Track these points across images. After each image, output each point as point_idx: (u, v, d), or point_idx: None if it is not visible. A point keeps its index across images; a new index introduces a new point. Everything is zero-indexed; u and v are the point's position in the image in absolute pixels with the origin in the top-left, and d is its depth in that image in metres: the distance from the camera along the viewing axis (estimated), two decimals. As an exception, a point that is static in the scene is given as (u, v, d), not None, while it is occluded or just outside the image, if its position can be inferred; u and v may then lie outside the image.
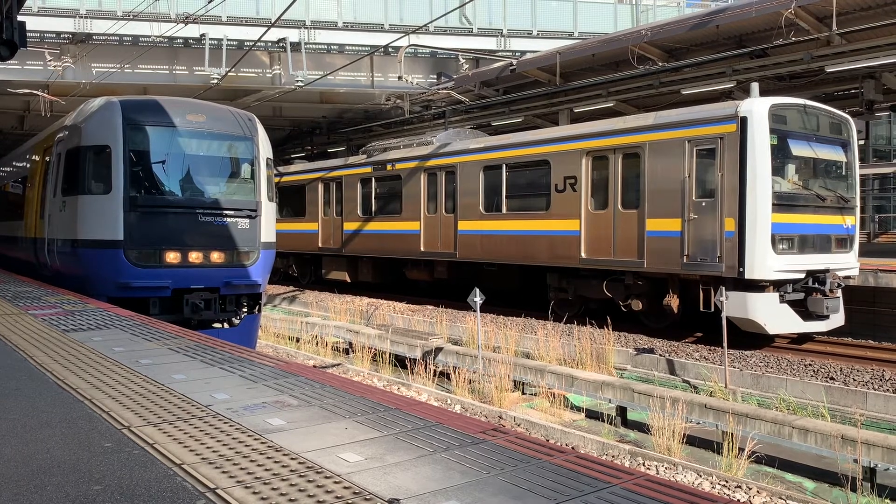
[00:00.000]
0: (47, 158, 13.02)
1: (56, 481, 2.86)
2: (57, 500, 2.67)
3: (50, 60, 21.46)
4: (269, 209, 11.88)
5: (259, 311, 12.20)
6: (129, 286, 10.47)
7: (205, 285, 11.06)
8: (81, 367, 5.02)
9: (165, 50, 22.01)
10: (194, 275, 10.95)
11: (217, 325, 11.67)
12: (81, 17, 20.90)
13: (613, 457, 8.38)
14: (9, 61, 9.06)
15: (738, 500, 7.10)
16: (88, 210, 10.80)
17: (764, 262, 12.14)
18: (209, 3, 17.33)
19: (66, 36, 21.43)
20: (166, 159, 11.15)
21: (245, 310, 11.82)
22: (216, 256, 11.14)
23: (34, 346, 5.83)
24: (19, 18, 8.35)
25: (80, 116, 11.65)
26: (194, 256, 10.94)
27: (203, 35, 21.10)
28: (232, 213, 11.32)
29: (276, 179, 17.47)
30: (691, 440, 9.07)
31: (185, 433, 3.48)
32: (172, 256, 10.79)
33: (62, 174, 11.62)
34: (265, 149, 12.10)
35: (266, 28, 17.57)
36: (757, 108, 12.39)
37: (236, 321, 11.76)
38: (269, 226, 11.83)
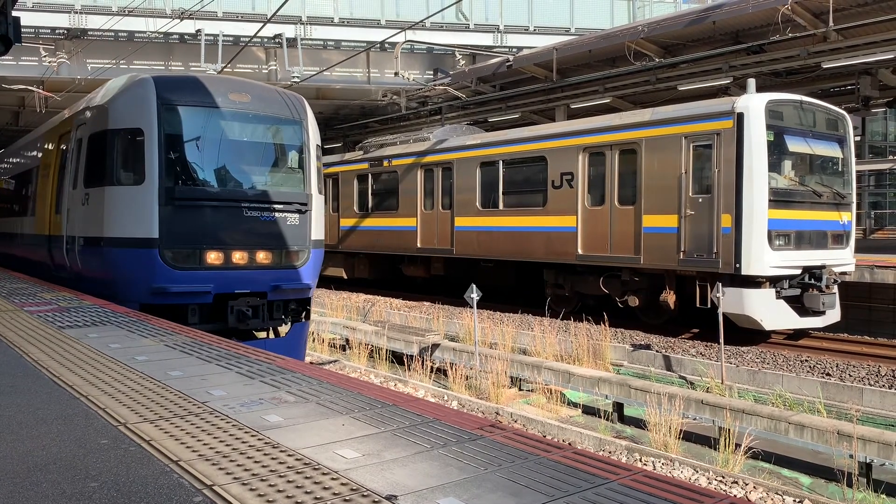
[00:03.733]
0: (64, 146, 11.68)
1: (52, 478, 2.85)
2: (53, 497, 2.66)
3: (45, 56, 21.38)
4: (319, 203, 10.52)
5: (308, 318, 10.83)
6: (166, 291, 9.15)
7: (250, 290, 9.73)
8: (77, 364, 5.00)
9: (161, 46, 21.94)
10: (239, 278, 9.60)
11: (261, 334, 10.45)
12: (76, 12, 20.82)
13: (610, 453, 8.39)
14: (3, 57, 9.03)
15: (735, 496, 7.11)
16: (117, 203, 9.46)
17: (760, 258, 12.16)
18: (205, -2, 17.27)
19: (61, 31, 21.35)
20: (207, 145, 9.78)
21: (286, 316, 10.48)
22: (262, 257, 9.80)
23: (30, 343, 5.82)
24: (14, 14, 8.30)
25: (106, 96, 10.19)
26: (238, 257, 9.61)
27: (199, 31, 21.03)
28: (281, 207, 9.96)
29: None
30: (688, 436, 9.09)
31: (182, 430, 3.47)
32: (214, 257, 9.45)
33: (84, 162, 10.24)
34: (314, 134, 10.73)
35: (262, 24, 17.51)
36: (753, 105, 12.40)
37: (283, 330, 10.50)
38: (319, 221, 10.50)
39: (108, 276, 9.73)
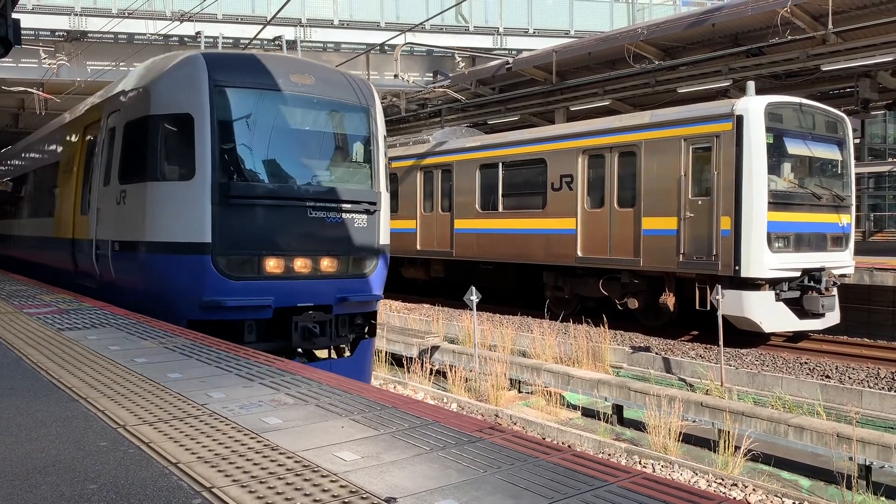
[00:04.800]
0: (91, 137, 10.43)
1: (51, 480, 2.85)
2: (52, 499, 2.66)
3: (45, 58, 21.40)
4: (386, 203, 9.32)
5: (373, 334, 9.55)
6: (220, 305, 7.88)
7: (313, 303, 8.50)
8: (76, 366, 5.00)
9: (161, 48, 21.94)
10: (301, 289, 8.38)
11: (319, 353, 9.20)
12: (76, 14, 20.84)
13: (610, 455, 8.38)
14: (3, 59, 8.91)
15: (735, 498, 7.11)
16: (161, 201, 8.20)
17: (760, 260, 12.16)
18: (204, 0, 17.28)
19: (61, 34, 21.37)
20: (266, 134, 8.52)
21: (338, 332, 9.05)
22: (327, 264, 8.56)
23: (29, 345, 5.81)
24: (14, 16, 8.29)
25: (147, 76, 8.88)
26: (300, 264, 8.35)
27: (198, 33, 20.97)
28: (349, 206, 8.72)
29: None
30: (687, 438, 9.08)
31: (181, 432, 3.47)
32: (274, 264, 8.17)
33: (120, 155, 8.99)
34: (382, 123, 9.52)
35: (262, 26, 17.52)
36: (753, 107, 12.41)
37: (345, 348, 9.27)
38: (386, 224, 9.30)
39: (148, 287, 8.48)
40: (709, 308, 12.41)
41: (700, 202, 12.90)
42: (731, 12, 16.83)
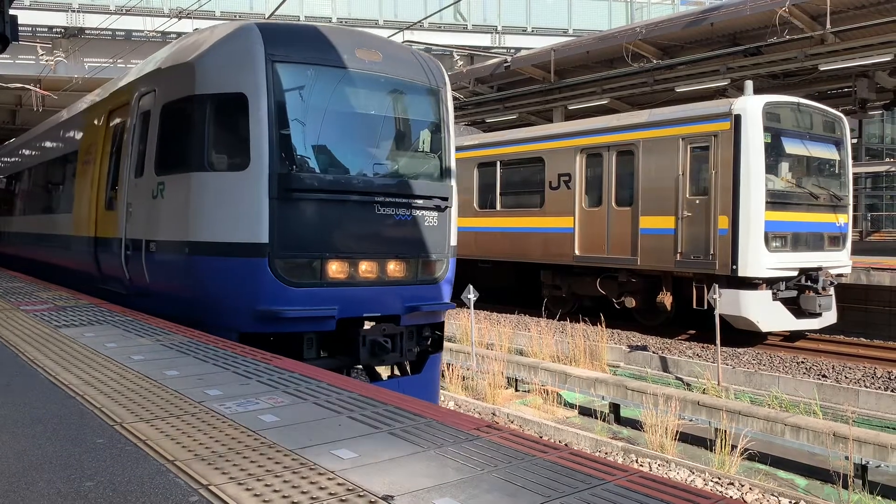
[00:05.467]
0: (117, 122, 9.42)
1: (47, 477, 2.84)
2: (48, 496, 2.65)
3: (42, 55, 21.36)
4: (455, 198, 8.28)
5: (441, 348, 8.55)
6: (278, 316, 6.87)
7: (380, 313, 7.53)
8: (73, 363, 4.99)
9: (159, 45, 21.88)
10: (367, 297, 7.36)
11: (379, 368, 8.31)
12: (74, 11, 20.82)
13: (607, 454, 8.39)
14: (0, 55, 8.86)
15: (731, 497, 7.12)
16: (209, 195, 7.15)
17: (757, 259, 12.18)
18: (203, -3, 17.27)
19: (59, 30, 21.35)
20: (329, 117, 7.48)
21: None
22: (394, 268, 7.54)
23: (25, 342, 5.80)
24: (11, 12, 8.27)
25: (191, 51, 7.72)
26: (365, 269, 7.32)
27: (196, 30, 21.02)
28: (420, 202, 7.69)
29: None
30: (684, 437, 9.09)
31: (178, 429, 3.46)
32: (337, 269, 7.16)
33: (157, 142, 7.95)
34: (452, 108, 8.49)
35: (260, 23, 17.47)
36: (751, 106, 12.42)
37: (406, 364, 8.28)
38: (455, 222, 8.27)
39: (191, 294, 7.42)
40: (706, 307, 12.43)
41: (698, 201, 12.91)
42: (730, 12, 16.84)
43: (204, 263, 7.16)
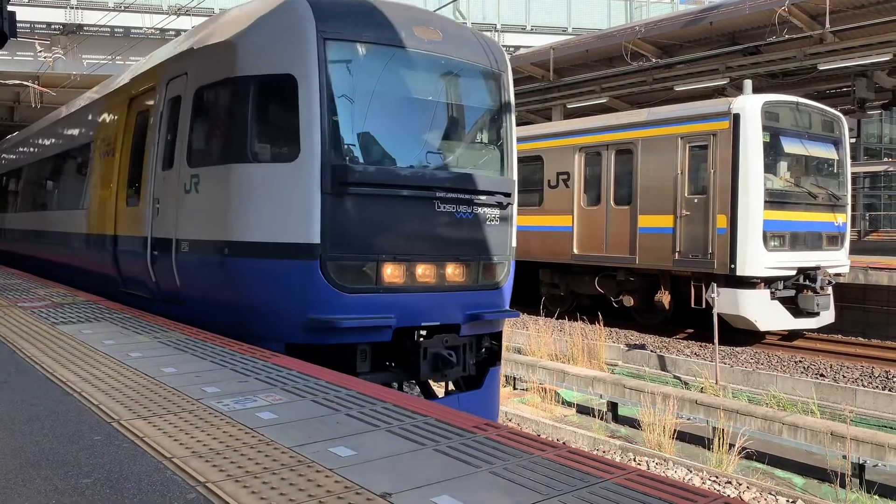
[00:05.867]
0: (139, 110, 8.66)
1: (45, 474, 2.84)
2: (46, 494, 2.65)
3: (40, 51, 21.33)
4: (516, 195, 7.54)
5: (500, 359, 7.65)
6: (331, 326, 6.18)
7: (439, 321, 6.79)
8: (71, 360, 4.99)
9: (157, 42, 21.86)
10: (424, 304, 6.65)
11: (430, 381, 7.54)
12: (72, 7, 20.80)
13: (604, 452, 8.40)
14: (-1, 52, 8.82)
15: (729, 496, 7.13)
16: (253, 190, 6.45)
17: (755, 258, 12.18)
18: (202, -6, 17.23)
19: (57, 27, 21.32)
20: (386, 103, 6.80)
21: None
22: (453, 272, 6.81)
23: (23, 339, 5.79)
24: (10, 8, 8.26)
25: (230, 28, 6.98)
26: (422, 272, 6.62)
27: (195, 27, 21.01)
28: (483, 199, 6.98)
29: None
30: (682, 436, 9.10)
31: (176, 427, 3.46)
32: (394, 272, 6.46)
33: (189, 130, 7.25)
34: (513, 96, 7.74)
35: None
36: (750, 106, 12.42)
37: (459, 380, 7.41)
38: (516, 221, 7.54)
39: (230, 300, 6.72)
40: (704, 306, 12.43)
41: (696, 200, 12.92)
42: (729, 11, 16.84)
43: (245, 266, 6.44)
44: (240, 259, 6.45)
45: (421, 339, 6.77)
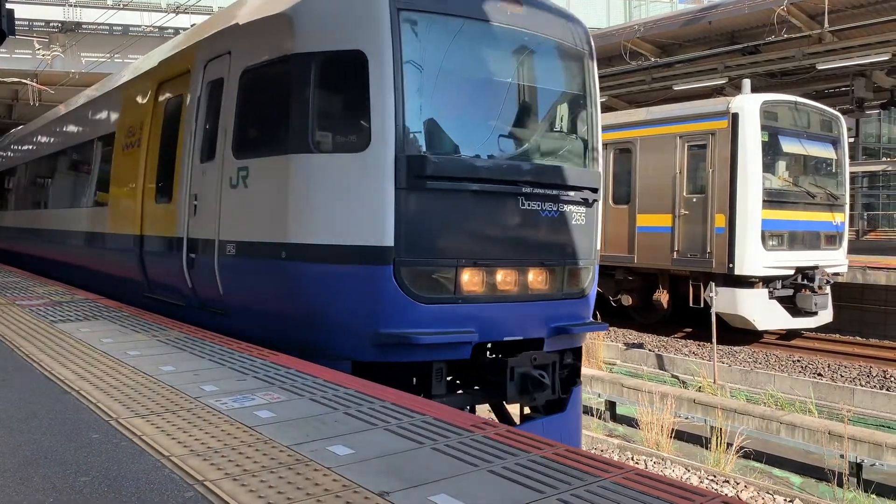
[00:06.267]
0: (170, 96, 7.85)
1: (42, 473, 2.84)
2: (43, 492, 2.65)
3: (39, 49, 21.29)
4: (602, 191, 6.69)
5: (580, 377, 6.76)
6: (406, 341, 5.39)
7: (522, 335, 5.96)
8: (69, 359, 4.98)
9: (156, 40, 21.84)
10: (506, 315, 5.84)
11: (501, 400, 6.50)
12: (71, 5, 20.77)
13: (602, 451, 8.40)
14: (-3, 49, 8.77)
15: (726, 495, 7.13)
16: (315, 184, 5.62)
17: (754, 258, 12.19)
18: (200, -7, 17.21)
19: (56, 24, 21.29)
20: (469, 85, 6.04)
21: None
22: (535, 278, 5.97)
23: (21, 337, 5.79)
24: (8, 6, 8.24)
25: (281, 0, 6.11)
26: (503, 279, 5.80)
27: (194, 25, 20.98)
28: (571, 195, 6.15)
29: None
30: (680, 435, 9.11)
31: (174, 425, 3.46)
32: (473, 279, 5.63)
33: (235, 116, 6.40)
34: (598, 79, 6.89)
35: (258, 19, 17.43)
36: (748, 105, 12.43)
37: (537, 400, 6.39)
38: (600, 220, 6.69)
39: (288, 311, 5.89)
40: (702, 305, 12.45)
41: (695, 200, 12.92)
42: (728, 10, 16.84)
43: (305, 272, 5.64)
44: (299, 264, 5.65)
45: (498, 356, 6.04)
